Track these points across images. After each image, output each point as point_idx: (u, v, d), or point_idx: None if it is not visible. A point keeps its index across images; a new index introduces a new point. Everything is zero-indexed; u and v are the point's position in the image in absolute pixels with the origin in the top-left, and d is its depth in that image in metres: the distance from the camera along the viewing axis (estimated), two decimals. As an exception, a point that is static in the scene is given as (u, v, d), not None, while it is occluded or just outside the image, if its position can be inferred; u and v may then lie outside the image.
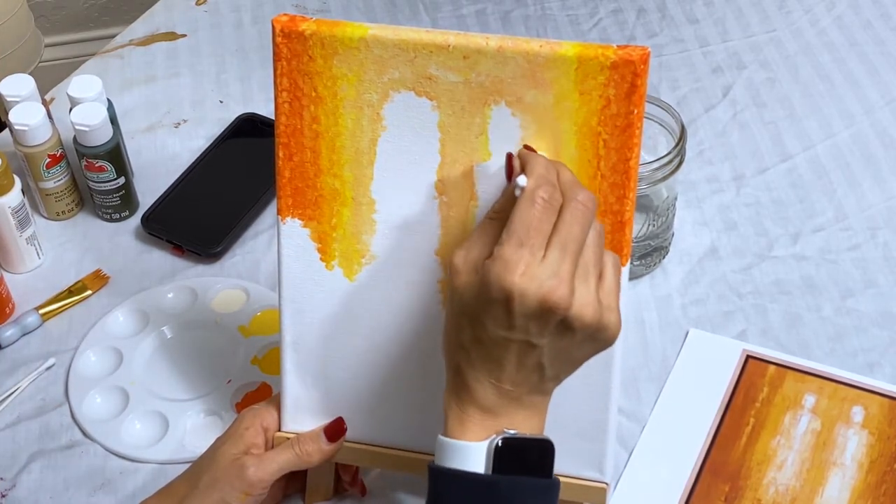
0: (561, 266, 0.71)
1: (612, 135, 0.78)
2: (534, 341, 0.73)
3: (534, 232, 0.71)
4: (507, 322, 0.72)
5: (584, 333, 0.73)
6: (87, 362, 1.06)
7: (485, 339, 0.73)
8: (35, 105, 1.12)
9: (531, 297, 0.71)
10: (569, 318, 0.72)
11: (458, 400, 0.76)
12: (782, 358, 1.04)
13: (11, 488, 0.98)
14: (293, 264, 0.85)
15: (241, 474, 0.86)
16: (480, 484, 0.74)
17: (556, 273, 0.71)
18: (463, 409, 0.75)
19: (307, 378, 0.88)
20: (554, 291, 0.71)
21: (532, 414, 0.76)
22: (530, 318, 0.71)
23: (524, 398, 0.75)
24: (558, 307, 0.71)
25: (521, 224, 0.72)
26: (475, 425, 0.75)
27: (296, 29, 0.80)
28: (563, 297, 0.71)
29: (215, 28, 1.41)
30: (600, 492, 0.87)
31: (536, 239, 0.71)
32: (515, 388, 0.75)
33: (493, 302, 0.72)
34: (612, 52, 0.76)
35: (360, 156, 0.82)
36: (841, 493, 0.95)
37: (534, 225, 0.72)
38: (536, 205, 0.72)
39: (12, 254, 1.12)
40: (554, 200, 0.72)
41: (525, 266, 0.71)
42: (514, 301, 0.71)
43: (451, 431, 0.75)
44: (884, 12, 1.39)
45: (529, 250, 0.71)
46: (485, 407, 0.75)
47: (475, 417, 0.75)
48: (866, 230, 1.15)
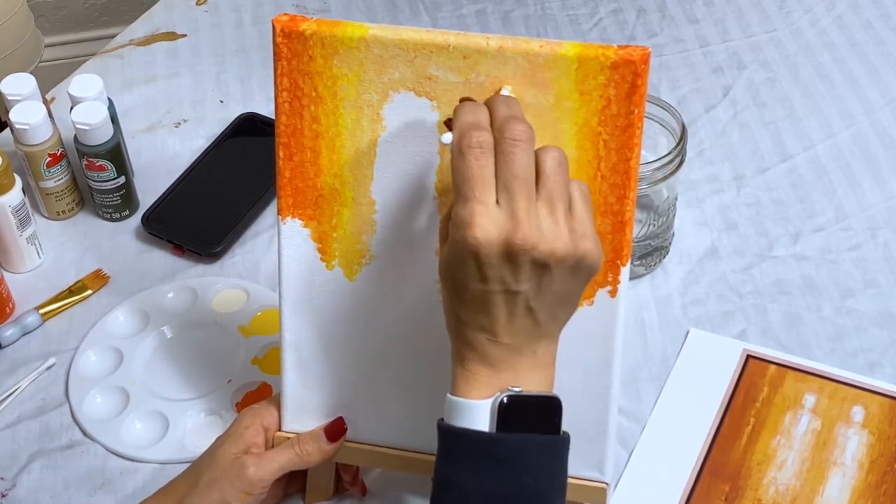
0: (513, 206, 0.70)
1: (613, 135, 0.78)
2: (513, 288, 0.72)
3: (474, 181, 0.71)
4: (479, 274, 0.71)
5: (563, 268, 0.72)
6: (88, 362, 1.06)
7: (467, 298, 0.73)
8: (36, 104, 1.12)
9: (494, 244, 0.70)
10: (540, 256, 0.71)
11: (463, 359, 0.75)
12: (783, 358, 1.04)
13: (11, 488, 0.98)
14: (293, 264, 0.85)
15: (241, 474, 0.86)
16: (487, 441, 0.73)
17: (512, 214, 0.70)
18: (468, 367, 0.75)
19: (307, 378, 0.88)
20: (514, 233, 0.70)
21: (537, 364, 0.75)
22: (501, 266, 0.71)
23: (524, 347, 0.75)
24: (523, 247, 0.70)
25: (460, 178, 0.71)
26: (480, 382, 0.74)
27: (296, 29, 0.80)
28: (525, 237, 0.70)
29: (215, 28, 1.41)
30: (600, 492, 0.87)
31: (479, 188, 0.71)
32: (513, 338, 0.74)
33: (462, 259, 0.71)
34: (612, 52, 0.76)
35: (360, 156, 0.82)
36: (841, 492, 0.95)
37: (471, 174, 0.71)
38: (465, 155, 0.71)
39: (12, 253, 1.12)
40: (483, 144, 0.71)
41: (479, 217, 0.70)
42: (481, 254, 0.70)
43: (456, 389, 0.75)
44: (884, 12, 1.39)
45: (478, 201, 0.70)
46: (488, 363, 0.74)
47: (480, 374, 0.74)
48: (866, 230, 1.15)
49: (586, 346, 0.84)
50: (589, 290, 0.82)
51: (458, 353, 0.76)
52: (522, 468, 0.73)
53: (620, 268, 0.81)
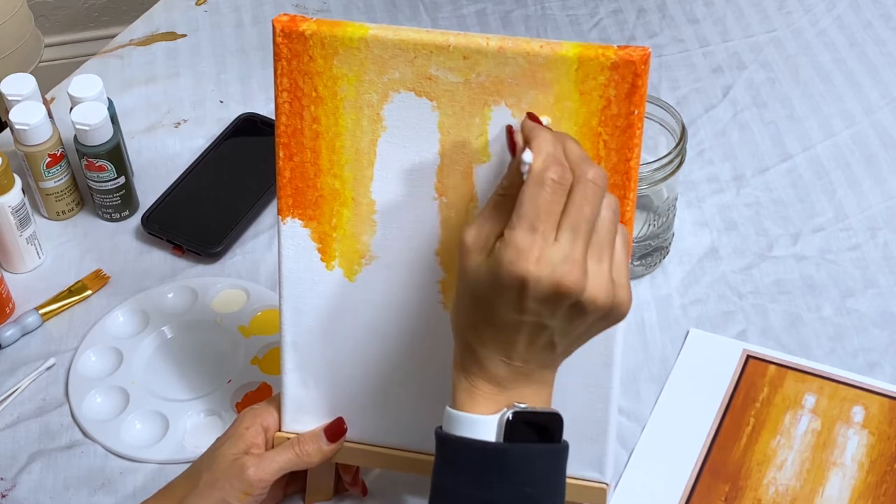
0: (573, 249, 0.70)
1: (613, 135, 0.78)
2: (546, 322, 0.72)
3: (545, 215, 0.70)
4: (519, 306, 0.71)
5: (598, 315, 0.72)
6: (87, 362, 1.06)
7: (496, 321, 0.73)
8: (36, 104, 1.12)
9: (545, 283, 0.70)
10: (582, 302, 0.71)
11: (468, 374, 0.75)
12: (782, 358, 1.04)
13: (11, 488, 0.98)
14: (293, 264, 0.85)
15: (241, 474, 0.86)
16: (490, 451, 0.73)
17: (569, 257, 0.70)
18: (473, 382, 0.75)
19: (307, 378, 0.88)
20: (567, 276, 0.70)
21: (540, 388, 0.76)
22: (543, 302, 0.71)
23: (534, 373, 0.75)
24: (571, 292, 0.70)
25: (531, 207, 0.70)
26: (485, 398, 0.74)
27: (296, 29, 0.80)
28: (576, 282, 0.70)
29: (215, 28, 1.41)
30: (600, 492, 0.87)
31: (548, 223, 0.70)
32: (526, 364, 0.74)
33: (505, 287, 0.71)
34: (612, 53, 0.76)
35: (360, 156, 0.82)
36: (841, 493, 0.95)
37: (544, 208, 0.70)
38: (546, 187, 0.70)
39: (12, 253, 1.12)
40: (564, 181, 0.71)
41: (538, 251, 0.70)
42: (528, 287, 0.70)
43: (459, 404, 0.75)
44: (884, 12, 1.39)
45: (542, 235, 0.70)
46: (495, 381, 0.75)
47: (485, 391, 0.75)
48: (866, 230, 1.15)
49: (586, 346, 0.83)
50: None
51: (464, 367, 0.76)
52: (524, 478, 0.74)
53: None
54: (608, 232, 0.72)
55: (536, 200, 0.70)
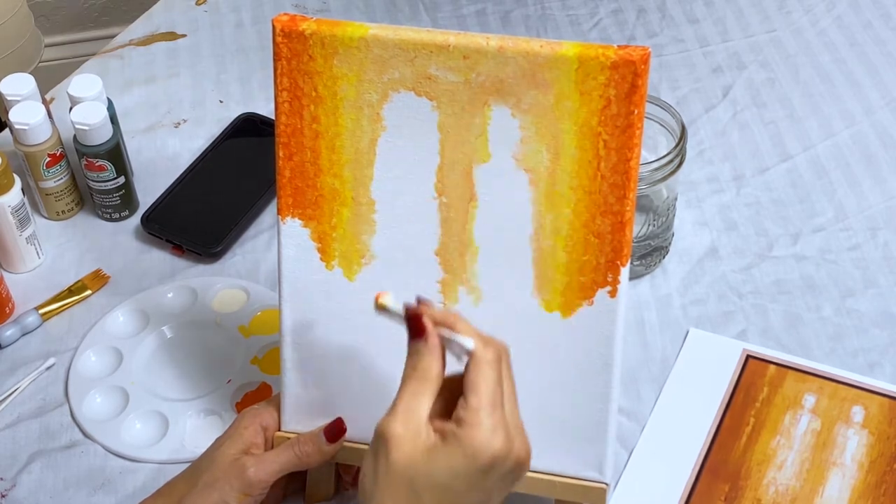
0: (515, 418, 0.73)
1: (613, 135, 0.78)
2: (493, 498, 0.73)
3: (497, 392, 0.72)
4: (483, 486, 0.72)
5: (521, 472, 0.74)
6: (87, 362, 1.06)
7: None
8: (35, 104, 1.12)
9: (510, 460, 0.72)
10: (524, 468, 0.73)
11: None
12: (783, 358, 1.04)
13: (11, 488, 0.98)
14: (293, 264, 0.85)
15: (240, 475, 0.86)
16: None
17: (516, 426, 0.73)
18: None
19: (307, 378, 0.88)
20: (523, 449, 0.73)
21: None
22: (504, 477, 0.72)
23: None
24: (526, 461, 0.73)
25: (487, 387, 0.72)
26: None
27: (296, 28, 0.80)
28: (528, 451, 0.73)
29: (215, 28, 1.41)
30: (600, 492, 0.87)
31: (498, 398, 0.72)
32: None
33: (476, 470, 0.71)
34: (612, 52, 0.76)
35: (360, 156, 0.82)
36: (841, 492, 0.95)
37: (495, 385, 0.72)
38: (494, 368, 0.72)
39: (12, 253, 1.12)
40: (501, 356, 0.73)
41: (504, 429, 0.71)
42: (496, 466, 0.71)
43: None
44: (884, 12, 1.39)
45: (500, 411, 0.72)
46: None
47: None
48: (866, 230, 1.15)
49: (586, 346, 0.84)
50: (589, 290, 0.83)
51: None
52: None
53: (620, 268, 0.81)
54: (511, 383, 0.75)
55: (491, 381, 0.72)
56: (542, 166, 0.80)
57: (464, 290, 0.84)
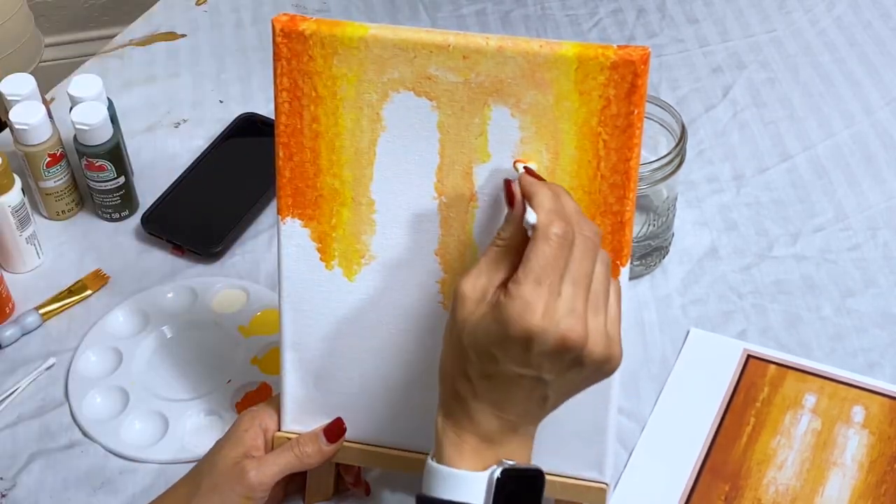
0: (575, 303, 0.71)
1: (613, 135, 0.78)
2: (544, 377, 0.72)
3: (550, 270, 0.71)
4: (522, 360, 0.71)
5: (593, 367, 0.73)
6: (87, 362, 1.06)
7: (494, 373, 0.73)
8: (35, 104, 1.12)
9: (551, 337, 0.70)
10: (582, 356, 0.72)
11: (457, 427, 0.75)
12: (783, 358, 1.04)
13: (11, 488, 0.98)
14: (293, 264, 0.85)
15: (241, 479, 0.86)
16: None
17: (573, 311, 0.71)
18: (461, 436, 0.75)
19: (307, 378, 0.88)
20: (572, 330, 0.71)
21: (525, 442, 0.76)
22: (547, 356, 0.71)
23: (521, 427, 0.75)
24: (575, 346, 0.71)
25: (537, 262, 0.71)
26: (473, 453, 0.74)
27: (296, 29, 0.80)
28: (579, 336, 0.71)
29: (215, 28, 1.41)
30: (600, 492, 0.87)
31: (553, 277, 0.71)
32: (517, 418, 0.74)
33: (510, 340, 0.71)
34: (612, 52, 0.76)
35: (360, 156, 0.82)
36: (841, 492, 0.95)
37: (550, 263, 0.71)
38: (552, 242, 0.71)
39: (12, 253, 1.12)
40: (568, 236, 0.72)
41: (544, 306, 0.70)
42: (535, 341, 0.70)
43: (446, 458, 0.75)
44: (884, 12, 1.39)
45: (548, 289, 0.70)
46: (483, 435, 0.74)
47: (473, 445, 0.74)
48: (866, 230, 1.15)
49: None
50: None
51: (453, 419, 0.75)
52: None
53: (620, 268, 0.81)
54: (603, 286, 0.73)
55: (542, 255, 0.71)
56: (542, 166, 0.79)
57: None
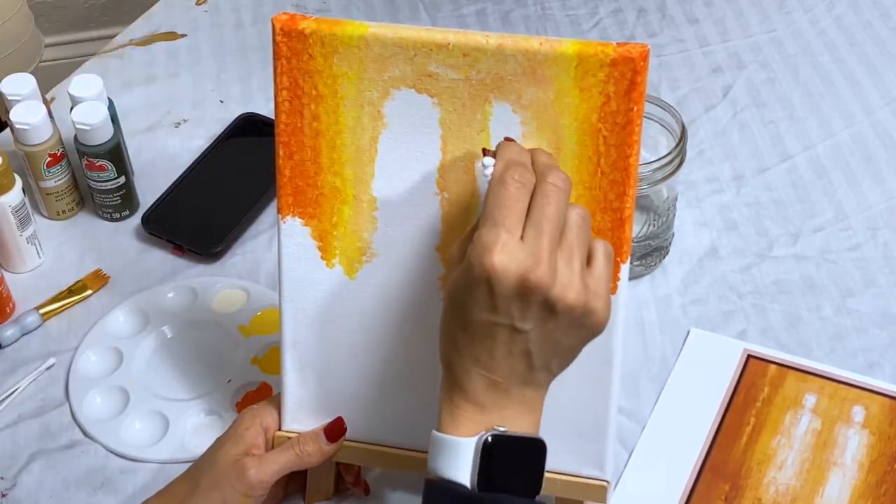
0: (537, 245, 0.71)
1: (612, 131, 0.78)
2: (518, 325, 0.72)
3: (507, 211, 0.71)
4: (489, 303, 0.72)
5: (569, 317, 0.73)
6: (87, 362, 1.06)
7: (470, 324, 0.73)
8: (36, 104, 1.12)
9: (511, 276, 0.71)
10: (550, 299, 0.71)
11: (450, 394, 0.76)
12: (783, 358, 1.04)
13: (11, 488, 0.97)
14: (294, 263, 0.85)
15: (241, 476, 0.86)
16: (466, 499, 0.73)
17: (534, 252, 0.71)
18: (455, 402, 0.75)
19: (307, 377, 0.88)
20: (533, 270, 0.71)
21: (524, 410, 0.75)
22: (512, 298, 0.71)
23: (513, 390, 0.75)
24: (539, 286, 0.71)
25: (493, 205, 0.72)
26: (466, 420, 0.75)
27: (296, 27, 0.80)
28: (542, 276, 0.71)
29: (215, 28, 1.41)
30: (601, 490, 0.87)
31: (511, 219, 0.71)
32: (504, 378, 0.74)
33: (474, 284, 0.72)
34: (611, 49, 0.77)
35: (361, 153, 0.82)
36: (841, 492, 0.95)
37: (507, 204, 0.72)
38: (507, 185, 0.72)
39: (12, 253, 1.12)
40: (525, 181, 0.73)
41: (501, 245, 0.71)
42: (494, 280, 0.71)
43: (442, 426, 0.75)
44: (884, 12, 1.39)
45: (505, 230, 0.71)
46: (475, 400, 0.75)
47: (466, 412, 0.75)
48: (866, 230, 1.15)
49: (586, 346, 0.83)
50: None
51: (448, 388, 0.76)
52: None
53: (620, 265, 0.81)
54: (577, 236, 0.73)
55: (498, 198, 0.72)
56: (543, 163, 0.79)
57: None
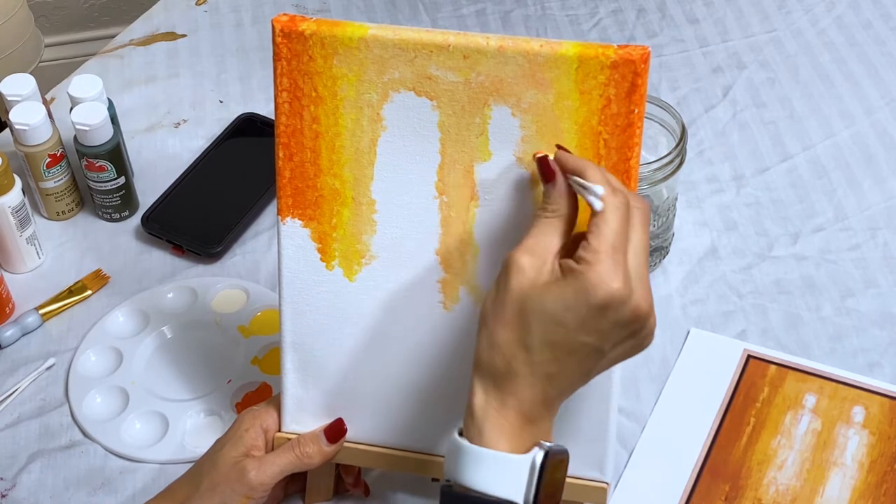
0: (641, 272, 0.72)
1: (613, 134, 0.78)
2: (605, 347, 0.72)
3: (621, 240, 0.71)
4: (594, 327, 0.71)
5: (641, 339, 0.73)
6: (87, 362, 1.06)
7: (562, 343, 0.71)
8: (35, 104, 1.12)
9: (628, 305, 0.71)
10: (646, 325, 0.72)
11: (500, 405, 0.72)
12: (783, 358, 1.04)
13: (11, 488, 0.98)
14: (293, 264, 0.85)
15: (241, 478, 0.86)
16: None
17: (641, 279, 0.71)
18: (504, 414, 0.72)
19: (307, 378, 0.88)
20: (644, 300, 0.71)
21: (552, 421, 0.75)
22: (620, 325, 0.71)
23: (555, 404, 0.74)
24: (646, 316, 0.72)
25: (610, 231, 0.71)
26: (513, 433, 0.72)
27: (296, 29, 0.80)
28: (650, 306, 0.72)
29: (215, 28, 1.41)
30: (601, 491, 0.87)
31: (624, 247, 0.71)
32: (558, 393, 0.73)
33: (587, 307, 0.70)
34: (612, 52, 0.77)
35: (361, 156, 0.82)
36: (841, 492, 0.95)
37: (620, 233, 0.71)
38: (619, 212, 0.72)
39: (12, 254, 1.12)
40: (628, 207, 0.73)
41: (623, 274, 0.70)
42: (612, 308, 0.70)
43: (486, 439, 0.71)
44: (884, 12, 1.39)
45: (623, 257, 0.71)
46: (526, 413, 0.72)
47: (514, 424, 0.72)
48: (866, 230, 1.15)
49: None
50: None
51: (499, 398, 0.72)
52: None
53: None
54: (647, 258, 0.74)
55: (614, 225, 0.71)
56: (543, 166, 0.79)
57: (465, 290, 0.84)
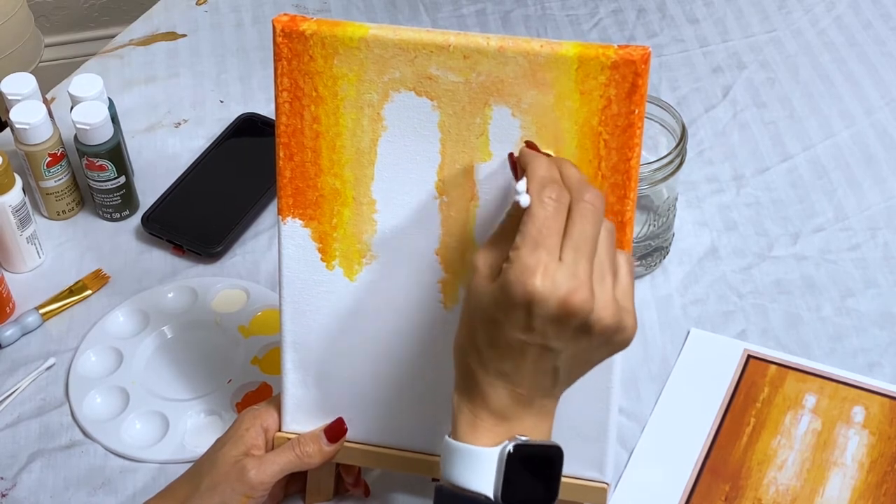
0: (578, 267, 0.70)
1: (613, 135, 0.78)
2: (551, 345, 0.72)
3: (546, 231, 0.70)
4: (526, 326, 0.71)
5: (603, 336, 0.72)
6: (88, 362, 1.06)
7: (501, 342, 0.72)
8: (36, 104, 1.12)
9: (552, 301, 0.70)
10: (589, 322, 0.71)
11: (470, 404, 0.75)
12: (783, 358, 1.04)
13: (11, 488, 0.98)
14: (294, 264, 0.85)
15: (241, 477, 0.86)
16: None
17: (575, 275, 0.70)
18: (475, 412, 0.74)
19: (308, 378, 0.88)
20: (574, 294, 0.70)
21: (541, 418, 0.75)
22: (550, 321, 0.71)
23: (535, 402, 0.75)
24: (581, 310, 0.70)
25: (533, 226, 0.71)
26: (487, 430, 0.74)
27: (296, 29, 0.80)
28: (584, 300, 0.70)
29: (215, 28, 1.41)
30: (601, 492, 0.87)
31: (551, 239, 0.70)
32: (528, 391, 0.74)
33: (512, 306, 0.71)
34: (612, 52, 0.76)
35: (361, 156, 0.82)
36: (841, 492, 0.95)
37: (546, 224, 0.70)
38: (546, 205, 0.71)
39: (13, 253, 1.12)
40: (563, 200, 0.71)
41: (543, 268, 0.70)
42: (535, 305, 0.70)
43: (461, 435, 0.75)
44: (884, 12, 1.39)
45: (546, 251, 0.70)
46: (496, 411, 0.74)
47: (487, 422, 0.74)
48: (866, 230, 1.15)
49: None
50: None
51: (467, 397, 0.75)
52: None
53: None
54: (608, 254, 0.73)
55: (538, 219, 0.71)
56: (543, 166, 0.79)
57: (464, 290, 0.84)
